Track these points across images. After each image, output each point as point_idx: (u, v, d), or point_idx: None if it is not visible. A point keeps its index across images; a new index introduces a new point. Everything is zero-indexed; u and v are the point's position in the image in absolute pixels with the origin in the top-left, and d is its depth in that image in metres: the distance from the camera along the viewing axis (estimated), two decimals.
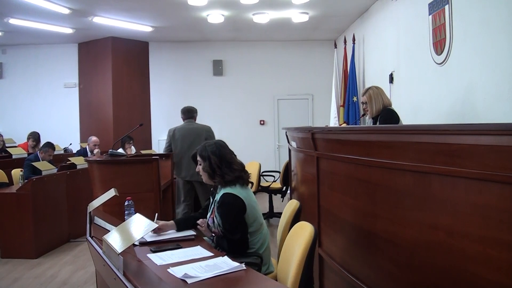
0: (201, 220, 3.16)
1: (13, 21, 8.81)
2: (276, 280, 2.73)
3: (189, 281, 2.12)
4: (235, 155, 3.22)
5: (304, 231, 2.49)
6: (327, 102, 9.68)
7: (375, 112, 4.51)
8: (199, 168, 3.18)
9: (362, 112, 4.80)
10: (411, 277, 2.37)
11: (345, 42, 8.90)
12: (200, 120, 6.79)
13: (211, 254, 2.59)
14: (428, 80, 5.63)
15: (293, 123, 9.33)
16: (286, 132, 5.73)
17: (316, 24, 9.44)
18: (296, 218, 3.11)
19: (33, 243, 5.83)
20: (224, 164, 3.07)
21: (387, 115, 4.40)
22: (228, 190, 3.01)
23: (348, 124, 8.07)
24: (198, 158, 3.17)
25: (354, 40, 8.52)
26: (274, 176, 7.84)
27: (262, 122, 11.08)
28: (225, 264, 2.34)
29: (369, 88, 4.62)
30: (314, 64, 10.99)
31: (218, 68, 11.03)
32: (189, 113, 6.37)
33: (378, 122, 4.44)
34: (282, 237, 3.10)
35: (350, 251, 3.21)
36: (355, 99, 8.23)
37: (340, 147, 3.27)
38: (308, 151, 4.14)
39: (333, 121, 8.89)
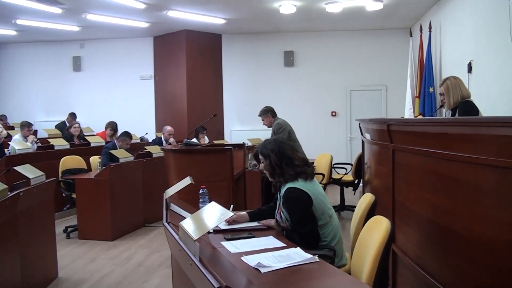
0: (263, 221, 3.16)
1: (90, 16, 9.23)
2: (349, 274, 2.69)
3: (262, 270, 2.13)
4: (298, 150, 3.17)
5: (380, 225, 2.44)
6: (402, 93, 9.36)
7: (453, 104, 4.31)
8: (261, 166, 3.17)
9: (439, 104, 4.61)
10: (490, 279, 2.25)
11: (421, 30, 8.53)
12: None
13: (284, 244, 2.59)
14: (509, 69, 5.30)
15: (365, 114, 9.12)
16: (359, 124, 5.62)
17: (390, 12, 9.17)
18: (371, 212, 3.04)
19: (110, 226, 6.13)
20: (284, 161, 3.03)
21: (466, 107, 4.20)
22: (291, 184, 2.99)
23: (423, 116, 7.78)
24: (260, 157, 3.16)
25: (430, 27, 8.16)
26: (346, 169, 7.73)
27: (333, 114, 10.94)
28: (298, 255, 2.33)
29: (447, 78, 4.43)
30: (388, 53, 10.69)
31: (289, 59, 11.00)
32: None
33: (456, 114, 4.25)
34: (355, 231, 3.04)
35: (425, 248, 3.11)
36: (431, 90, 7.90)
37: (417, 139, 3.16)
38: (383, 143, 4.04)
39: (408, 113, 8.61)
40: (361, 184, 6.77)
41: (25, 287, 4.04)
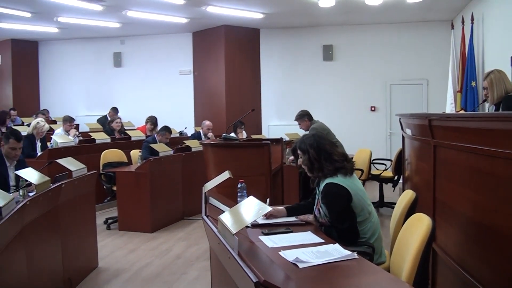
0: (301, 216, 3.15)
1: (130, 13, 9.39)
2: (389, 272, 2.65)
3: (300, 265, 2.13)
4: (337, 145, 3.15)
5: (421, 223, 2.39)
6: (443, 88, 9.12)
7: (497, 99, 4.17)
8: (300, 161, 3.15)
9: (482, 98, 4.47)
10: None
11: (462, 22, 8.27)
12: (310, 106, 6.82)
13: (322, 240, 2.58)
14: None
15: (406, 109, 8.90)
16: (400, 119, 5.52)
17: (431, 4, 8.93)
18: (412, 209, 2.98)
19: (150, 218, 6.25)
20: (323, 156, 3.00)
21: (511, 102, 4.06)
22: (329, 180, 2.96)
23: (465, 111, 7.57)
24: (298, 152, 3.13)
25: (472, 19, 7.89)
26: (385, 165, 7.61)
27: (373, 109, 10.78)
28: (336, 251, 2.32)
29: (491, 72, 4.28)
30: (429, 47, 10.41)
31: (328, 53, 10.89)
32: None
33: (500, 109, 4.11)
34: (395, 228, 3.00)
35: (467, 248, 3.03)
36: (473, 84, 7.67)
37: (460, 135, 3.08)
38: (424, 139, 3.96)
39: (450, 108, 8.39)
40: (400, 181, 6.66)
41: (67, 276, 4.17)
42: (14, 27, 10.70)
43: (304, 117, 6.71)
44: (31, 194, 3.65)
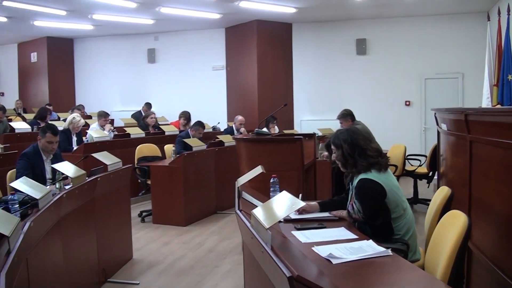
0: (334, 212, 3.13)
1: (164, 9, 9.50)
2: (423, 269, 2.62)
3: (333, 261, 2.13)
4: (371, 140, 3.10)
5: (456, 221, 2.35)
6: (479, 81, 8.88)
7: None
8: (333, 157, 3.13)
9: None
10: None
11: (499, 13, 7.95)
12: (343, 101, 6.76)
13: (356, 236, 2.56)
14: None
15: (441, 104, 8.76)
16: (435, 114, 5.42)
17: None
18: (447, 206, 2.93)
19: (183, 212, 6.33)
20: (357, 151, 2.96)
21: None
22: (364, 175, 2.92)
23: (502, 105, 7.37)
24: (332, 147, 3.10)
25: (509, 11, 7.60)
26: (420, 160, 7.49)
27: (407, 103, 10.60)
28: (370, 248, 2.30)
29: None
30: (465, 39, 10.15)
31: (361, 47, 10.76)
32: None
33: None
34: (430, 225, 2.95)
35: (503, 247, 2.95)
36: (510, 77, 7.44)
37: (498, 130, 3.00)
38: (460, 134, 3.89)
39: (486, 102, 8.16)
40: (435, 177, 6.55)
41: (102, 266, 4.28)
42: (50, 25, 11.00)
43: (347, 117, 6.62)
44: (67, 187, 3.76)
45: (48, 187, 3.57)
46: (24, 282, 2.53)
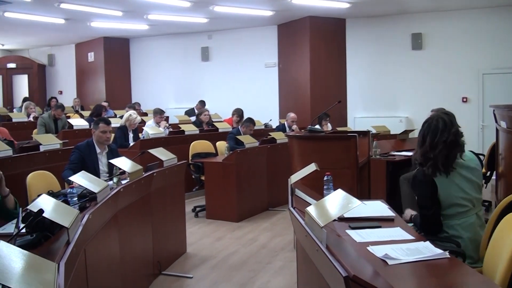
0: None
1: (217, 8, 9.59)
2: (481, 274, 2.53)
3: (389, 262, 2.09)
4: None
5: None
6: None
7: None
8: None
9: None
10: None
11: None
12: (398, 98, 6.60)
13: (412, 237, 2.49)
14: None
15: (500, 100, 8.34)
16: (493, 110, 5.21)
17: None
18: (508, 208, 2.81)
19: (236, 208, 6.40)
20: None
21: None
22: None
23: None
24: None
25: None
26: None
27: (464, 100, 10.22)
28: (427, 249, 2.24)
29: None
30: None
31: (417, 41, 10.45)
32: None
33: None
34: (489, 228, 2.84)
35: None
36: None
37: None
38: None
39: None
40: (493, 177, 6.30)
41: (156, 259, 4.40)
42: (106, 26, 11.37)
43: None
44: (124, 181, 3.87)
45: (105, 181, 3.67)
46: (82, 272, 2.63)
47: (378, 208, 3.14)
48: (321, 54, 10.79)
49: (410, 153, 5.20)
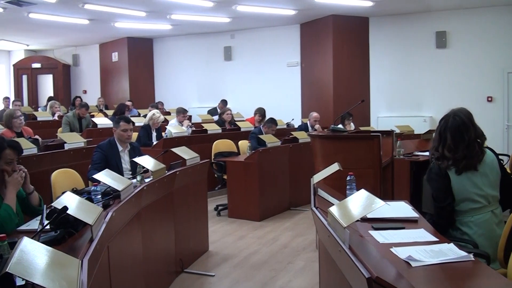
0: None
1: (240, 7, 9.61)
2: (506, 277, 2.48)
3: (413, 264, 2.06)
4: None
5: None
6: None
7: None
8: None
9: None
10: None
11: None
12: (422, 97, 6.51)
13: (436, 239, 2.46)
14: None
15: None
16: None
17: None
18: None
19: (258, 207, 6.41)
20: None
21: None
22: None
23: None
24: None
25: None
26: (502, 160, 7.07)
27: (489, 99, 10.02)
28: (451, 252, 2.21)
29: None
30: None
31: (441, 40, 10.29)
32: None
33: None
34: (506, 229, 2.79)
35: None
36: None
37: None
38: None
39: None
40: None
41: (179, 257, 4.43)
42: (130, 26, 11.51)
43: None
44: (147, 180, 3.91)
45: (129, 179, 3.71)
46: (105, 269, 2.66)
47: (402, 209, 3.10)
48: (344, 53, 10.72)
49: None
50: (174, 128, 7.87)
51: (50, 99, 11.88)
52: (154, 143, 7.31)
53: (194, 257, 4.87)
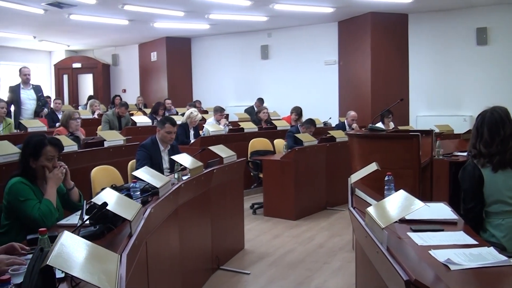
0: None
1: (277, 6, 9.61)
2: None
3: (451, 267, 2.02)
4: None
5: None
6: None
7: None
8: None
9: None
10: None
11: None
12: (462, 95, 6.34)
13: (476, 242, 2.41)
14: None
15: None
16: None
17: None
18: None
19: (294, 206, 6.40)
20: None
21: None
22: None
23: None
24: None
25: None
26: None
27: None
28: (491, 255, 2.15)
29: None
30: None
31: (482, 36, 9.98)
32: None
33: None
34: None
35: None
36: None
37: None
38: None
39: None
40: None
41: (215, 254, 4.49)
42: (168, 26, 11.68)
43: None
44: (185, 177, 3.97)
45: (167, 177, 3.78)
46: (143, 264, 2.70)
47: (441, 210, 3.04)
48: (382, 51, 10.57)
49: None
50: (211, 126, 7.94)
51: (90, 98, 12.20)
52: (192, 141, 7.40)
53: (230, 255, 4.90)
